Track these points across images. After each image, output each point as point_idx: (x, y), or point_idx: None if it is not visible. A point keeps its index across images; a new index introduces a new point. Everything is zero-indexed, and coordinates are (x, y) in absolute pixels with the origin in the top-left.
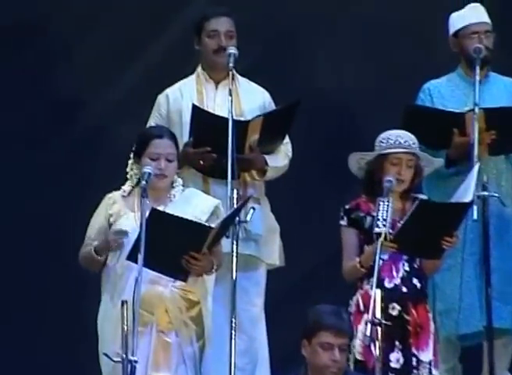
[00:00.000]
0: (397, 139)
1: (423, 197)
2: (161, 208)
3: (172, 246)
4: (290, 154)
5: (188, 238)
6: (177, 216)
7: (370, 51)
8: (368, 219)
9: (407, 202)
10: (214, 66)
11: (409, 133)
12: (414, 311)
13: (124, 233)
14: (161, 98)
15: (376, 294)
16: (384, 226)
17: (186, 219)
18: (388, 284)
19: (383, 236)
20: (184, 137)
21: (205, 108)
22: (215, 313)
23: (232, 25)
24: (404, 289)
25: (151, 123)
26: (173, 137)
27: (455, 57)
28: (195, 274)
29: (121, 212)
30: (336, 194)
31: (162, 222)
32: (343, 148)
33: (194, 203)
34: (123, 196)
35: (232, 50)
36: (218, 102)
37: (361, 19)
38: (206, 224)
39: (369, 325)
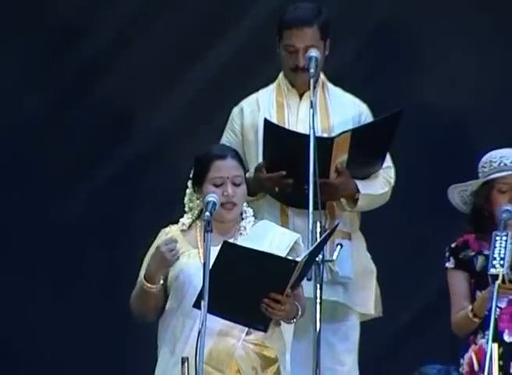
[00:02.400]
0: (501, 160)
1: None
2: None
3: (249, 287)
4: (393, 181)
5: (269, 276)
6: (255, 250)
7: (487, 56)
8: (480, 258)
9: None
10: (293, 82)
11: None
12: None
13: (175, 240)
14: (234, 111)
15: (493, 349)
16: (502, 265)
17: (266, 253)
18: (508, 338)
19: (501, 278)
20: (260, 158)
21: (284, 124)
22: (295, 374)
23: (316, 36)
24: None
25: (224, 141)
26: (238, 156)
27: None
28: (277, 322)
29: (181, 250)
30: (444, 229)
31: (236, 257)
32: (454, 173)
33: (269, 238)
34: (182, 230)
35: (314, 53)
36: (301, 116)
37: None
38: (290, 258)
39: None
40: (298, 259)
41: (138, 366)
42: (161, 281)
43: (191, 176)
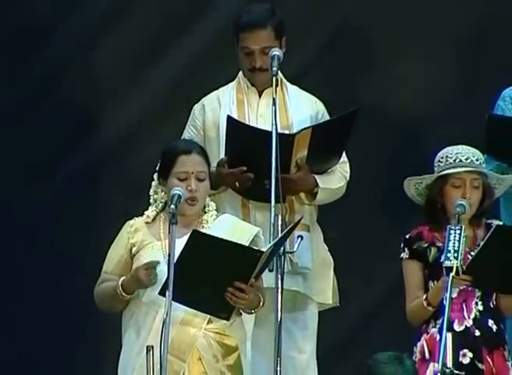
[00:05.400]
0: (457, 156)
1: (497, 222)
2: None
3: (215, 276)
4: (348, 175)
5: (235, 266)
6: (223, 239)
7: (438, 57)
8: (433, 250)
9: (479, 229)
10: (251, 82)
11: (471, 148)
12: (489, 358)
13: (155, 263)
14: (196, 108)
15: (448, 338)
16: (456, 258)
17: (234, 243)
18: (458, 327)
19: (455, 270)
20: (222, 153)
21: (245, 121)
22: (255, 362)
23: (271, 37)
24: (477, 332)
25: (185, 136)
26: (203, 152)
27: None
28: (238, 311)
29: (145, 241)
30: (399, 222)
31: (204, 246)
32: (408, 169)
33: (230, 231)
34: (147, 222)
35: (276, 52)
36: (261, 113)
37: (431, 21)
38: (256, 248)
39: None
40: (263, 250)
41: (102, 353)
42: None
43: (157, 169)
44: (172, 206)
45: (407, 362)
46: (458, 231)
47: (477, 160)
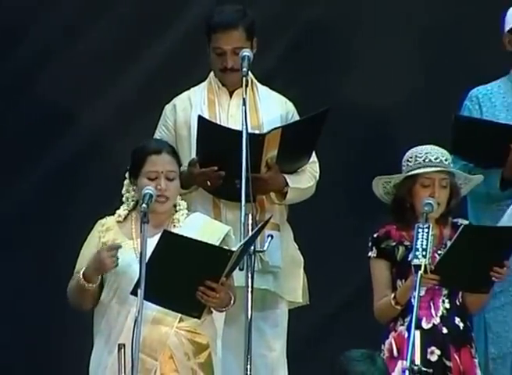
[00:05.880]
0: (426, 156)
1: (464, 222)
2: None
3: (186, 275)
4: (317, 175)
5: (205, 265)
6: (194, 239)
7: (409, 56)
8: (400, 249)
9: (445, 228)
10: (222, 82)
11: (440, 148)
12: (456, 356)
13: (118, 246)
14: (167, 108)
15: (416, 336)
16: (424, 256)
17: (204, 243)
18: (426, 325)
19: (423, 268)
20: (193, 153)
21: (216, 121)
22: (226, 360)
23: (242, 37)
24: (444, 330)
25: (157, 136)
26: (173, 152)
27: (507, 59)
28: (209, 310)
29: (116, 240)
30: (367, 221)
31: (175, 246)
32: (376, 168)
33: (201, 230)
34: (118, 222)
35: (246, 52)
36: (232, 113)
37: (403, 19)
38: (226, 248)
39: (407, 373)
40: (234, 249)
41: (74, 353)
42: (99, 280)
43: (128, 168)
44: (144, 205)
45: (378, 360)
46: (426, 230)
47: (446, 160)
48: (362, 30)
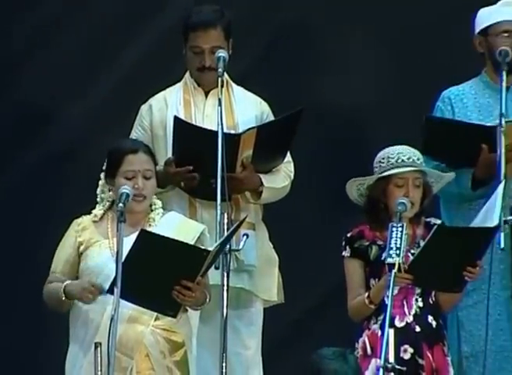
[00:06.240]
0: (399, 156)
1: (437, 221)
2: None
3: (162, 274)
4: (292, 174)
5: (182, 264)
6: (171, 238)
7: (382, 57)
8: (374, 248)
9: (418, 228)
10: (199, 82)
11: (411, 148)
12: (429, 354)
13: (100, 289)
14: (143, 108)
15: (390, 334)
16: (398, 255)
17: (181, 242)
18: (399, 323)
19: (397, 267)
20: (169, 153)
21: (192, 121)
22: (201, 358)
23: (220, 37)
24: (417, 328)
25: (133, 136)
26: (149, 151)
27: (478, 60)
28: (184, 308)
29: (92, 240)
30: (341, 221)
31: (152, 245)
32: (350, 169)
33: (176, 229)
34: (94, 221)
35: (222, 53)
36: (207, 113)
37: (376, 21)
38: (203, 248)
39: (381, 371)
40: (210, 249)
41: (50, 352)
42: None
43: (104, 168)
44: (121, 204)
45: (350, 358)
46: (400, 229)
47: (418, 159)
48: (335, 30)
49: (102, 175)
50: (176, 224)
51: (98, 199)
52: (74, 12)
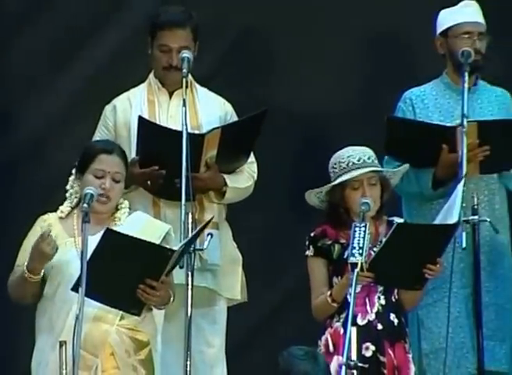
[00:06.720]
0: (349, 160)
1: (399, 220)
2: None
3: (127, 273)
4: (255, 175)
5: (146, 264)
6: (135, 238)
7: (345, 59)
8: (336, 247)
9: (381, 226)
10: (164, 81)
11: (361, 148)
12: (390, 351)
13: (47, 231)
14: (107, 109)
15: (352, 332)
16: (360, 255)
17: (146, 241)
18: (361, 321)
19: (359, 266)
20: (133, 153)
21: (156, 121)
22: (165, 356)
23: (188, 37)
24: (379, 326)
25: (96, 137)
26: (123, 156)
27: (440, 61)
28: (148, 307)
29: (58, 237)
30: (304, 220)
31: (117, 244)
32: (313, 168)
33: (142, 228)
34: (61, 218)
35: (186, 53)
36: (171, 114)
37: (339, 23)
38: (168, 247)
39: (344, 369)
40: (175, 248)
41: (16, 349)
42: (42, 272)
43: (76, 163)
44: (85, 205)
45: (320, 358)
46: (363, 228)
47: (368, 158)
48: (298, 33)
49: (73, 170)
50: (141, 224)
51: (67, 195)
52: (36, 12)
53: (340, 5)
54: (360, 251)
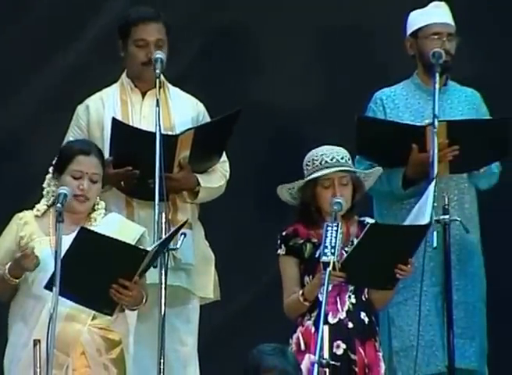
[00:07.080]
0: (322, 158)
1: (370, 220)
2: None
3: (100, 272)
4: (228, 174)
5: (120, 263)
6: (109, 237)
7: (318, 59)
8: (308, 246)
9: (352, 226)
10: (141, 78)
11: (335, 147)
12: (361, 349)
13: (31, 249)
14: (80, 109)
15: (324, 331)
16: (333, 254)
17: (120, 241)
18: (332, 319)
19: (331, 265)
20: (107, 153)
21: (129, 122)
22: (139, 355)
23: (162, 31)
24: (350, 324)
25: (69, 137)
26: (101, 156)
27: (410, 62)
28: (121, 308)
29: (34, 235)
30: (277, 219)
31: (91, 243)
32: (286, 168)
33: (117, 230)
34: (37, 216)
35: (159, 54)
36: (144, 114)
37: (312, 22)
38: (141, 247)
39: (316, 367)
40: (149, 249)
41: None
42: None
43: (54, 162)
44: (59, 205)
45: (289, 354)
46: (335, 228)
47: (342, 158)
48: (271, 33)
49: (51, 169)
50: (116, 225)
51: (44, 193)
52: (9, 13)
53: (312, 2)
54: (333, 250)
